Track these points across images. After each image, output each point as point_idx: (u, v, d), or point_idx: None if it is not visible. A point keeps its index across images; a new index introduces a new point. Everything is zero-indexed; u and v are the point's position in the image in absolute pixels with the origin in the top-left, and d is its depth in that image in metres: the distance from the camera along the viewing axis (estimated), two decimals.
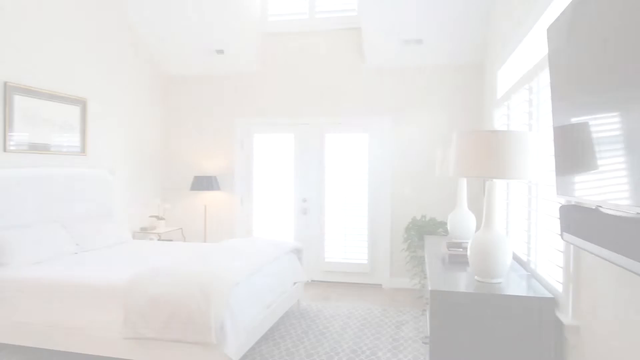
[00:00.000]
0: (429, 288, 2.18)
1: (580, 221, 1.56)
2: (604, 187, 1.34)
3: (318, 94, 5.93)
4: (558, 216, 1.76)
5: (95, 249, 4.49)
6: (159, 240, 5.50)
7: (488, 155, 1.99)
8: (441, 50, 5.41)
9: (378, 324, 4.37)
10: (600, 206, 1.40)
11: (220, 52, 5.90)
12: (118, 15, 5.49)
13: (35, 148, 4.36)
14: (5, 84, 4.03)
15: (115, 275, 3.43)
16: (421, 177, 5.66)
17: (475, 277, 2.29)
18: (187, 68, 6.30)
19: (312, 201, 5.96)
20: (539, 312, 2.00)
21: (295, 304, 4.89)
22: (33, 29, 4.33)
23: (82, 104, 4.92)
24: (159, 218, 5.88)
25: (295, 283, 4.53)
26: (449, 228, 3.48)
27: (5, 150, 4.05)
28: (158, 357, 3.13)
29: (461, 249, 2.99)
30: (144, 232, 5.78)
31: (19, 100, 4.17)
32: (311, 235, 5.96)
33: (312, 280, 5.97)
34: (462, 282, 2.32)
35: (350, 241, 5.85)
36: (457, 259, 2.80)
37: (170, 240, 5.42)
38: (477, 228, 3.49)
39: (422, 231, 5.08)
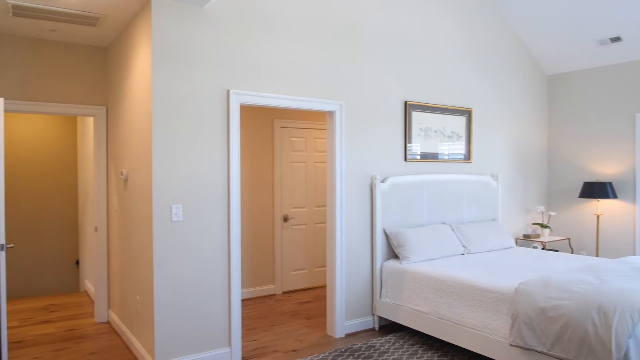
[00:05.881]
0: None
1: None
2: None
3: None
4: None
5: (480, 252, 4.64)
6: (543, 249, 5.21)
7: None
8: None
9: None
10: None
11: (616, 39, 5.12)
12: (500, 25, 5.54)
13: (426, 157, 4.86)
14: (405, 102, 4.67)
15: (501, 280, 3.44)
16: None
17: None
18: (568, 64, 5.77)
19: None
20: None
21: None
22: (425, 56, 4.86)
23: (467, 114, 5.19)
24: (543, 226, 5.59)
25: None
26: None
27: (405, 160, 4.68)
28: None
29: None
30: (526, 240, 5.61)
31: (415, 116, 4.76)
32: None
33: None
34: None
35: None
36: None
37: (556, 251, 5.04)
38: None
39: None
